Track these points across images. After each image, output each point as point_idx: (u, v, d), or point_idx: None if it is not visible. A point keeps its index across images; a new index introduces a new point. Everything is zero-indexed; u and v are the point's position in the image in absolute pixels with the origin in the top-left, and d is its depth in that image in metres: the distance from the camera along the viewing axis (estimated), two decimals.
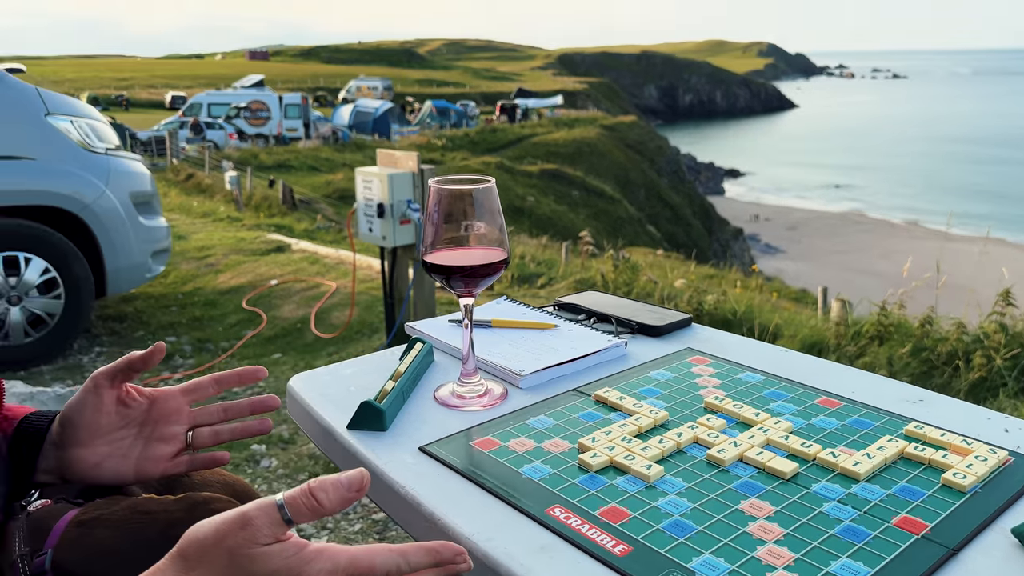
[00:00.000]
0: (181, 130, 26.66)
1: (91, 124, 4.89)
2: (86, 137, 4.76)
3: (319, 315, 5.48)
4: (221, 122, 29.03)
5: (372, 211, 4.37)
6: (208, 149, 22.44)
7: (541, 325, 1.27)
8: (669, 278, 7.28)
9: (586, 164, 36.67)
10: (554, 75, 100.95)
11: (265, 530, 0.57)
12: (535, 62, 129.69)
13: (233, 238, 8.30)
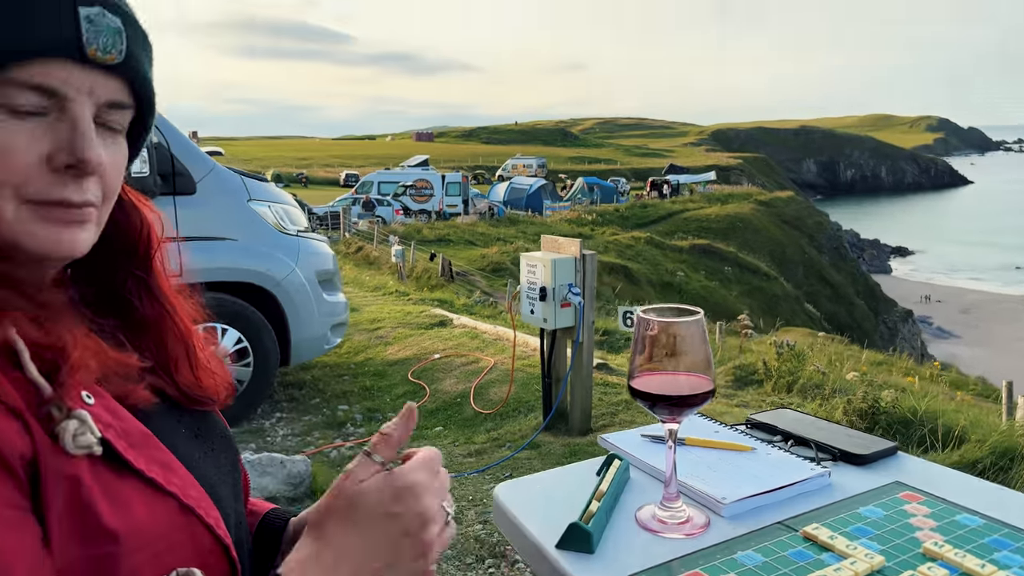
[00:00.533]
0: (354, 206, 28.68)
1: (285, 209, 5.40)
2: (281, 220, 5.25)
3: (478, 390, 5.63)
4: (389, 199, 30.95)
5: (535, 294, 4.49)
6: (376, 224, 23.95)
7: (738, 447, 1.27)
8: (838, 368, 6.91)
9: (740, 240, 35.83)
10: (707, 151, 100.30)
11: (360, 472, 0.73)
12: (687, 138, 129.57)
13: (400, 312, 8.76)
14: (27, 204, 0.67)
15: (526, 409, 5.16)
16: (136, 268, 0.82)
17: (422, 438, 4.95)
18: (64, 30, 0.65)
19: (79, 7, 0.66)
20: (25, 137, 0.65)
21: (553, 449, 4.35)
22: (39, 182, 0.66)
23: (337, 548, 0.70)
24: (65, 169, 0.67)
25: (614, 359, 6.66)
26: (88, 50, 0.66)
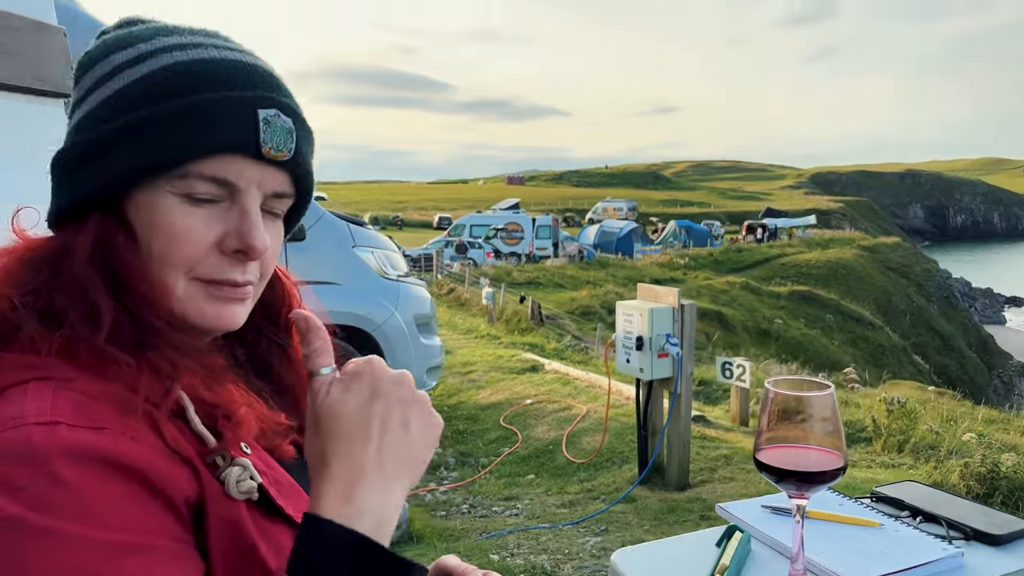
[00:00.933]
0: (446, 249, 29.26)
1: (387, 254, 5.57)
2: (383, 265, 5.42)
3: (570, 438, 5.59)
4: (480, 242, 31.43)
5: (631, 343, 4.45)
6: (468, 266, 24.32)
7: (864, 522, 1.22)
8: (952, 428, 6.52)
9: (842, 286, 34.47)
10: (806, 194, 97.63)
11: (320, 390, 0.72)
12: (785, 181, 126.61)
13: (492, 355, 8.83)
14: (195, 281, 0.73)
15: (620, 460, 5.08)
16: (277, 335, 0.89)
17: (514, 485, 4.94)
18: (244, 131, 0.72)
19: (258, 110, 0.73)
20: (201, 222, 0.72)
21: (649, 504, 4.26)
22: (209, 263, 0.73)
23: (355, 465, 0.69)
24: (233, 253, 0.74)
25: (711, 411, 6.49)
26: (263, 148, 0.73)
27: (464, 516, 4.40)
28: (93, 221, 0.71)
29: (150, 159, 0.70)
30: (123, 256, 0.71)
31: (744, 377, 5.79)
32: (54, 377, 0.66)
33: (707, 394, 7.56)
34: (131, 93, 0.72)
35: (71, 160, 0.73)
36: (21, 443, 0.60)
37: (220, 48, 0.75)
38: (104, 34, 0.80)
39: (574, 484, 4.83)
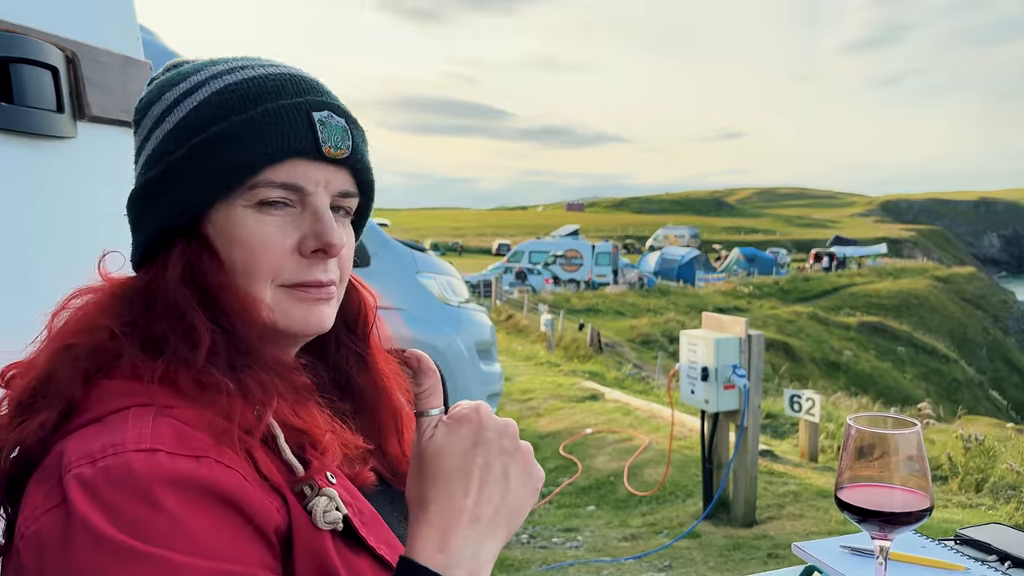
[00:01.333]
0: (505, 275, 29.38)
1: (449, 281, 5.62)
2: (444, 292, 5.47)
3: (632, 470, 5.50)
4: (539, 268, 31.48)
5: (696, 374, 4.37)
6: (526, 293, 24.36)
7: (949, 566, 1.16)
8: None
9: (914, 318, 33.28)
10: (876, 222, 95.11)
11: (425, 432, 0.74)
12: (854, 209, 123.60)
13: (552, 383, 8.79)
14: (281, 288, 0.77)
15: (684, 494, 4.96)
16: (355, 343, 0.91)
17: (574, 516, 4.88)
18: (302, 134, 0.75)
19: (312, 113, 0.76)
20: (277, 229, 0.75)
21: (714, 540, 4.14)
22: (291, 267, 0.76)
23: (452, 512, 0.70)
24: (312, 253, 0.76)
25: (779, 445, 6.31)
26: (323, 148, 0.76)
27: (524, 546, 4.35)
28: (178, 248, 0.74)
29: (219, 177, 0.73)
30: (211, 274, 0.74)
31: (813, 411, 5.62)
32: (154, 404, 0.68)
33: (774, 428, 7.36)
34: (190, 121, 0.75)
35: (145, 198, 0.77)
36: (122, 470, 0.61)
37: (265, 66, 0.79)
38: (154, 79, 0.84)
39: (636, 517, 4.74)
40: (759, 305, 29.32)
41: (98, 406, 0.69)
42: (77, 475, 0.62)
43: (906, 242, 67.61)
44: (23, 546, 0.63)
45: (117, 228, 1.42)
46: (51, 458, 0.66)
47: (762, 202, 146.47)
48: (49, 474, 0.65)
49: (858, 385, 20.66)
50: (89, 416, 0.69)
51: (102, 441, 0.64)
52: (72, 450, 0.65)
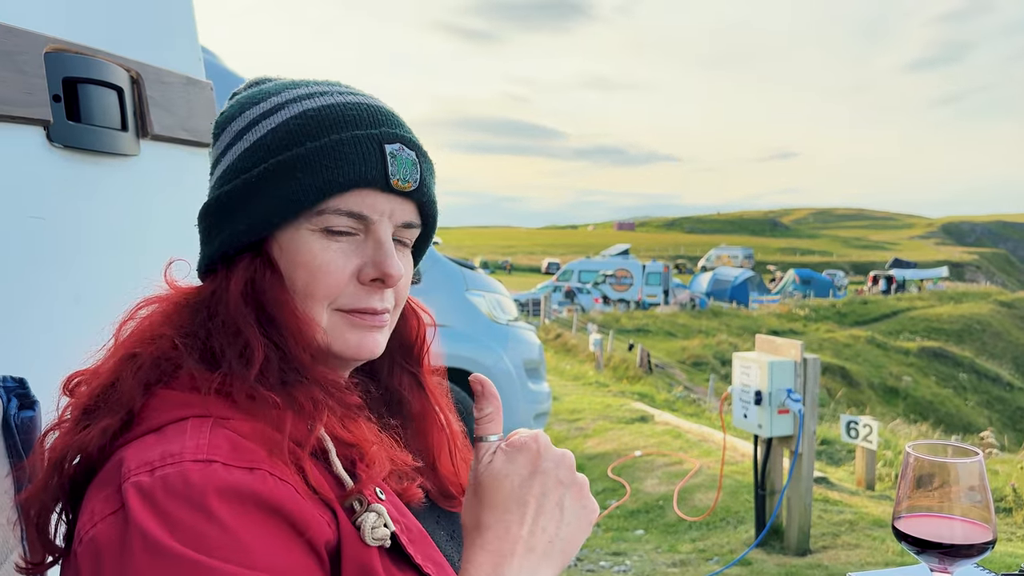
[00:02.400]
0: (555, 293, 29.34)
1: (498, 299, 5.63)
2: (493, 310, 5.48)
3: (682, 494, 5.40)
4: (589, 287, 31.35)
5: (749, 397, 4.28)
6: (576, 312, 24.27)
7: None
8: None
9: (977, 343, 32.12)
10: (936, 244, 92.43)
11: (483, 457, 0.76)
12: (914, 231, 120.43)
13: (600, 404, 8.71)
14: (338, 312, 0.78)
15: (735, 520, 4.85)
16: (409, 364, 0.93)
17: (622, 540, 4.81)
18: (373, 165, 0.77)
19: (384, 145, 0.78)
20: (339, 255, 0.77)
21: (766, 569, 4.03)
22: (349, 293, 0.78)
23: (507, 540, 0.71)
24: (371, 282, 0.78)
25: (834, 472, 6.13)
26: (392, 180, 0.78)
27: (570, 569, 4.30)
28: (243, 263, 0.77)
29: (290, 200, 0.75)
30: (272, 292, 0.76)
31: (871, 437, 5.45)
32: (211, 415, 0.70)
33: (829, 454, 7.16)
34: (267, 142, 0.77)
35: (219, 211, 0.79)
36: (179, 480, 0.63)
37: (344, 93, 0.81)
38: (236, 94, 0.86)
39: (686, 543, 4.65)
40: (815, 328, 28.66)
41: (157, 415, 0.71)
42: (136, 483, 0.64)
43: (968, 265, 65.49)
44: (81, 551, 0.65)
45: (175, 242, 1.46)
46: (111, 465, 0.68)
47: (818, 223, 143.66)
48: (108, 480, 0.67)
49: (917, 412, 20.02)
50: (148, 425, 0.70)
51: (161, 450, 0.66)
52: (131, 458, 0.66)
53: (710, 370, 19.47)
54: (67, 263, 1.17)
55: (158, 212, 1.41)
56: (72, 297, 1.17)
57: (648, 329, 26.10)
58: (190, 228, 0.85)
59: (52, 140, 1.13)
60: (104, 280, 1.25)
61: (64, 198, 1.17)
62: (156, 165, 1.38)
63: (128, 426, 0.71)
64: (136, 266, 1.32)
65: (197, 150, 1.51)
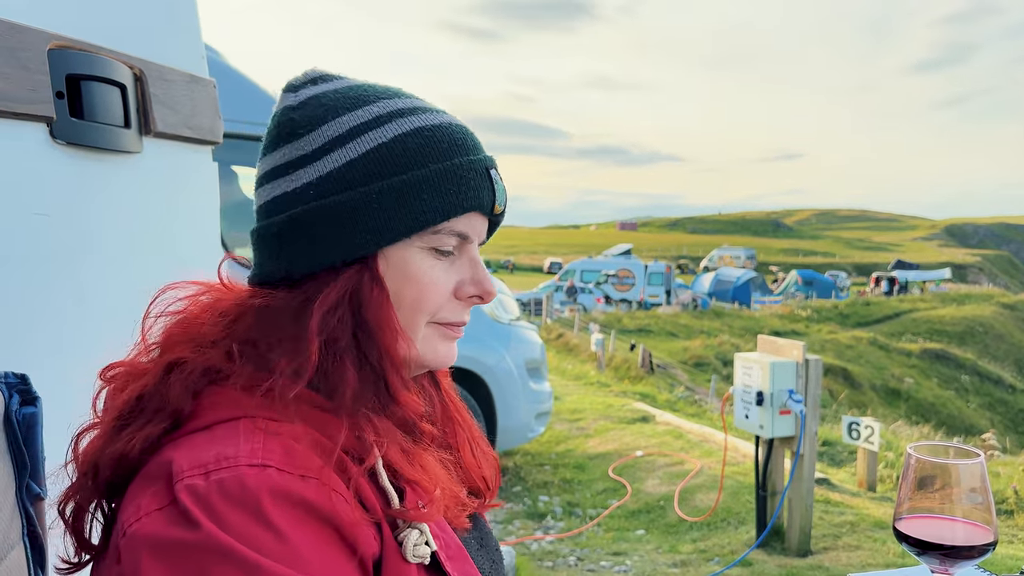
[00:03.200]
0: (556, 293, 29.32)
1: (501, 299, 5.63)
2: (495, 309, 5.48)
3: (683, 495, 5.40)
4: (591, 287, 31.33)
5: (750, 398, 4.28)
6: (577, 312, 24.26)
7: None
8: None
9: (979, 345, 32.08)
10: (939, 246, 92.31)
11: None
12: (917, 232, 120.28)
13: (602, 404, 8.70)
14: (433, 324, 0.82)
15: (736, 521, 4.85)
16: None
17: (623, 540, 4.80)
18: (486, 191, 0.81)
19: (490, 170, 0.82)
20: (443, 273, 0.81)
21: (767, 570, 4.03)
22: (447, 308, 0.82)
23: None
24: (468, 299, 0.83)
25: (835, 474, 6.12)
26: (495, 206, 0.83)
27: (571, 569, 4.30)
28: (348, 274, 0.76)
29: (414, 220, 0.76)
30: (376, 307, 0.76)
31: (872, 439, 5.44)
32: (262, 416, 0.70)
33: (831, 455, 7.15)
34: (384, 156, 0.77)
35: (328, 220, 0.76)
36: (235, 484, 0.63)
37: (440, 112, 0.82)
38: (296, 87, 0.83)
39: (686, 543, 4.64)
40: (817, 329, 28.63)
41: (208, 414, 0.71)
42: (190, 486, 0.63)
43: (971, 267, 65.38)
44: (124, 544, 0.65)
45: (179, 240, 1.46)
46: (158, 463, 0.68)
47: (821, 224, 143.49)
48: (155, 477, 0.67)
49: (919, 414, 20.01)
50: (198, 423, 0.71)
51: (215, 452, 0.66)
52: (183, 458, 0.66)
53: (712, 371, 19.47)
54: (70, 260, 1.17)
55: (162, 210, 1.41)
56: (75, 294, 1.18)
57: (650, 329, 26.06)
58: (193, 225, 0.85)
59: (55, 137, 1.13)
60: (107, 278, 1.25)
61: (67, 195, 1.17)
62: (159, 163, 1.38)
63: (175, 423, 0.72)
64: (139, 263, 1.33)
65: (200, 148, 1.51)
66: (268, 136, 0.83)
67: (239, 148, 3.77)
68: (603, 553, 4.54)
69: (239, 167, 4.07)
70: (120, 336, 0.83)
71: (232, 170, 4.03)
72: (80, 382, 0.87)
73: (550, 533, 4.87)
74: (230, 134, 1.85)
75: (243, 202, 4.29)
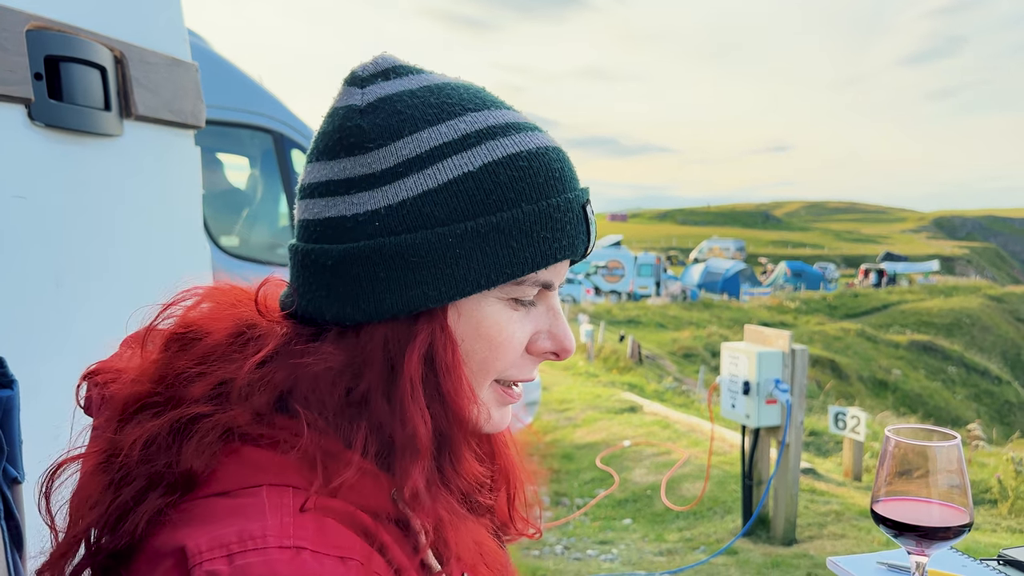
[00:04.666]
0: None
1: None
2: None
3: (670, 484, 5.43)
4: (580, 278, 31.36)
5: (737, 387, 4.30)
6: (567, 303, 24.31)
7: None
8: None
9: (966, 337, 32.33)
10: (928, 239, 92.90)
11: None
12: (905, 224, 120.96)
13: (590, 394, 8.73)
14: (495, 384, 0.70)
15: (722, 510, 4.88)
16: None
17: (610, 529, 4.83)
18: (581, 236, 0.68)
19: (585, 207, 0.68)
20: (519, 327, 0.68)
21: (752, 558, 4.06)
22: (515, 365, 0.69)
23: None
24: (542, 355, 0.70)
25: (822, 464, 6.17)
26: (587, 250, 0.69)
27: (558, 557, 4.32)
28: (422, 328, 0.64)
29: (499, 269, 0.64)
30: (451, 367, 0.65)
31: (858, 429, 5.48)
32: (290, 484, 0.60)
33: (817, 446, 7.21)
34: (471, 191, 0.64)
35: (396, 261, 0.63)
36: (265, 571, 0.53)
37: (534, 131, 0.69)
38: (363, 80, 0.69)
39: (673, 532, 4.67)
40: (806, 320, 28.77)
41: (226, 476, 0.60)
42: (211, 572, 0.53)
43: (959, 259, 65.84)
44: None
45: (159, 224, 1.45)
46: (164, 536, 0.57)
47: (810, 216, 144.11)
48: (164, 555, 0.56)
49: (906, 405, 20.16)
50: (214, 487, 0.59)
51: (238, 529, 0.55)
52: (199, 534, 0.55)
53: (700, 362, 19.54)
54: (48, 244, 1.16)
55: (143, 194, 1.40)
56: (53, 277, 1.17)
57: (639, 320, 26.12)
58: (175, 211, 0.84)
59: (34, 118, 1.12)
60: (86, 262, 1.24)
61: (46, 177, 1.16)
62: (140, 146, 1.37)
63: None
64: (120, 248, 1.32)
65: (182, 131, 1.50)
66: (325, 138, 0.68)
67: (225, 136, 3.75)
68: (590, 542, 4.56)
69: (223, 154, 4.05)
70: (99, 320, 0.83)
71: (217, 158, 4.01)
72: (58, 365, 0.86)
73: None
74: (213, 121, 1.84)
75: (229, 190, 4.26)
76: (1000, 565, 1.23)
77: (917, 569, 0.95)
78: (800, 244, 76.75)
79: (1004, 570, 1.20)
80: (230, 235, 4.15)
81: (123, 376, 0.67)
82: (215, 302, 0.69)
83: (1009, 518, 5.07)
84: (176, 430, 0.61)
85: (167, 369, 0.65)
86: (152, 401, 0.63)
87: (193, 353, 0.65)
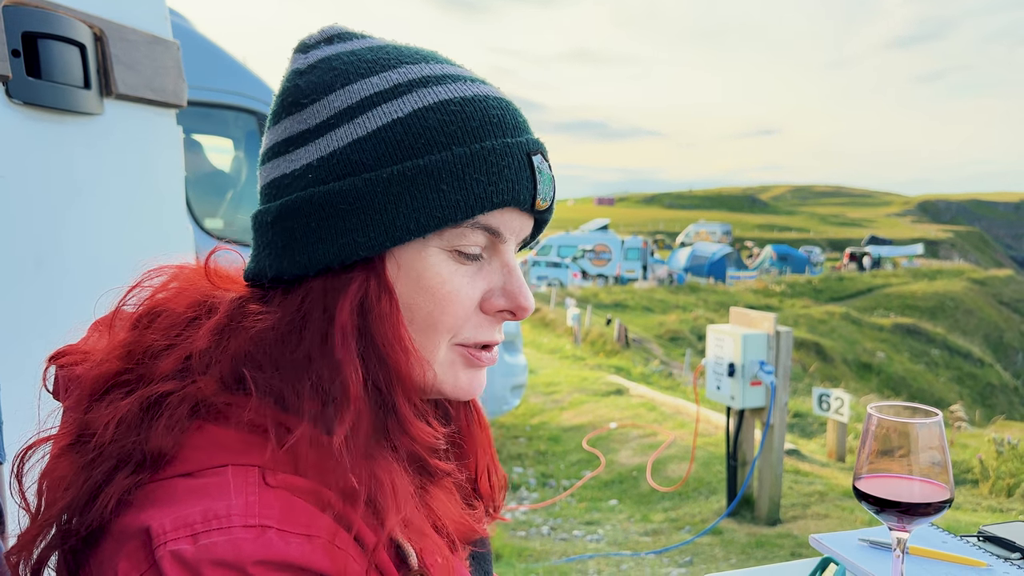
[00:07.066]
0: (533, 268, 29.36)
1: None
2: None
3: (656, 465, 5.47)
4: (567, 262, 31.39)
5: (722, 369, 4.33)
6: (554, 286, 24.34)
7: (970, 562, 1.13)
8: None
9: (950, 320, 32.67)
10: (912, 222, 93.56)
11: None
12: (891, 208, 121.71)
13: (577, 377, 8.76)
14: (456, 347, 0.67)
15: (707, 491, 4.93)
16: None
17: (596, 510, 4.86)
18: (524, 182, 0.65)
19: (532, 156, 0.66)
20: (467, 281, 0.66)
21: (737, 537, 4.11)
22: (471, 325, 0.67)
23: None
24: (497, 313, 0.68)
25: (806, 445, 6.23)
26: (537, 201, 0.66)
27: (544, 538, 4.35)
28: (354, 281, 0.63)
29: (433, 216, 0.62)
30: (388, 321, 0.63)
31: (842, 410, 5.54)
32: (254, 463, 0.59)
33: (802, 427, 7.28)
34: (398, 136, 0.63)
35: (325, 211, 0.62)
36: (230, 551, 0.53)
37: (474, 81, 0.67)
38: (308, 47, 0.69)
39: (658, 512, 4.71)
40: (791, 304, 28.96)
41: (192, 457, 0.59)
42: (176, 552, 0.53)
43: (943, 243, 66.41)
44: None
45: (140, 205, 1.43)
46: (129, 517, 0.56)
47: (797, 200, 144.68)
48: (130, 536, 0.55)
49: (890, 387, 20.39)
50: (179, 468, 0.58)
51: (202, 508, 0.55)
52: (164, 513, 0.55)
53: (687, 345, 19.64)
54: (27, 223, 1.15)
55: (123, 172, 1.38)
56: (33, 258, 1.15)
57: (626, 304, 26.18)
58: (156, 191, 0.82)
59: (11, 96, 1.10)
60: (66, 242, 1.23)
61: (24, 156, 1.15)
62: (120, 124, 1.35)
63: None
64: (100, 228, 1.30)
65: (163, 110, 1.48)
66: (273, 105, 0.69)
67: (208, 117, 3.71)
68: (576, 523, 4.60)
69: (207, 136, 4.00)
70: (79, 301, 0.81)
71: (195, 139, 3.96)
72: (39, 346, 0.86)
73: (524, 504, 4.91)
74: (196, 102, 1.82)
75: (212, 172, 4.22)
76: (980, 541, 1.25)
77: (898, 545, 0.96)
78: (786, 228, 77.11)
79: (984, 546, 1.22)
80: (214, 217, 4.12)
81: (90, 357, 0.65)
82: (182, 279, 0.68)
83: (990, 498, 5.15)
84: (145, 408, 0.60)
85: (135, 346, 0.64)
86: (123, 380, 0.63)
87: (158, 326, 0.64)
